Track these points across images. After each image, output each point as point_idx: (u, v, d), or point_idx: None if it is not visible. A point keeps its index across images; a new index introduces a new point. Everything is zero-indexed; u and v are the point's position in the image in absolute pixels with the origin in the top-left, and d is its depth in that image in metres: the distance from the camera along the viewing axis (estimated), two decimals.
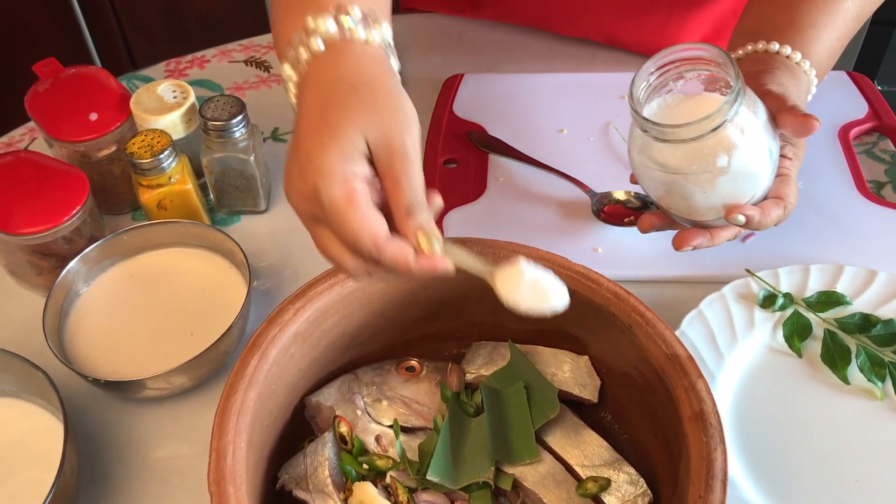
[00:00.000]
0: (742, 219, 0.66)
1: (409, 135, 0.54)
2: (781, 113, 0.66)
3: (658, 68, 0.65)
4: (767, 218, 0.67)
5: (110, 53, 1.72)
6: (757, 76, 0.69)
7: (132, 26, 1.69)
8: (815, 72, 0.72)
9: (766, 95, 0.67)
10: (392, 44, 0.60)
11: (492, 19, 1.07)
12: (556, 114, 0.94)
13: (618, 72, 0.99)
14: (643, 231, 0.73)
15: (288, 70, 0.58)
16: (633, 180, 0.72)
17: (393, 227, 0.53)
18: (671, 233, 0.81)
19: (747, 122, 0.63)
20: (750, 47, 0.72)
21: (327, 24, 0.56)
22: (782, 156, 0.69)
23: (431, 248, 0.53)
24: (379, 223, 0.52)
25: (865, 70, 1.00)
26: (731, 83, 0.62)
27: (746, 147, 0.63)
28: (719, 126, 0.61)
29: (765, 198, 0.68)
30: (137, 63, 1.50)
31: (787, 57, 0.71)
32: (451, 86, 0.98)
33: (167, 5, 1.66)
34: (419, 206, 0.53)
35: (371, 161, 0.54)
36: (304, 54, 0.56)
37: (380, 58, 0.57)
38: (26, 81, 0.85)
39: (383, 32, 0.58)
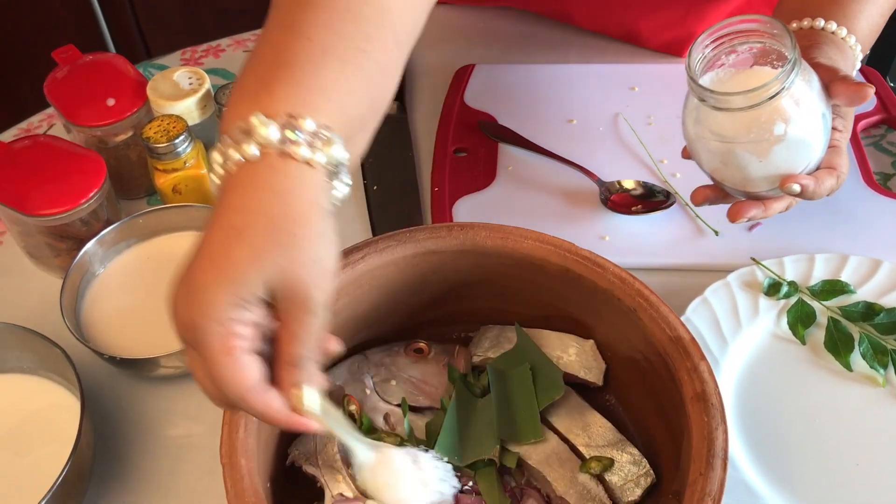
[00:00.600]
0: (797, 188, 0.66)
1: (318, 289, 0.49)
2: (835, 82, 0.66)
3: (714, 40, 0.66)
4: (822, 187, 0.68)
5: (126, 44, 1.74)
6: (805, 51, 0.70)
7: (148, 17, 1.71)
8: (860, 47, 0.72)
9: (816, 68, 0.67)
10: (345, 164, 0.53)
11: (511, 5, 1.08)
12: (565, 104, 0.95)
13: (628, 63, 1.00)
14: (697, 203, 0.73)
15: (216, 160, 0.51)
16: (686, 154, 0.72)
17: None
18: (678, 224, 0.82)
19: (803, 90, 0.64)
20: (795, 24, 0.72)
21: (269, 132, 0.49)
22: (833, 129, 0.69)
23: (301, 407, 0.50)
24: (250, 375, 0.49)
25: (877, 67, 1.01)
26: (787, 53, 0.63)
27: (802, 115, 0.64)
28: (777, 94, 0.63)
29: (817, 168, 0.68)
30: (153, 53, 1.51)
31: (833, 33, 0.71)
32: (462, 76, 0.99)
33: None
34: (305, 362, 0.50)
35: (272, 303, 0.50)
36: (234, 155, 0.49)
37: (316, 186, 0.51)
38: (43, 70, 0.86)
39: (332, 154, 0.51)
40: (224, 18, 1.70)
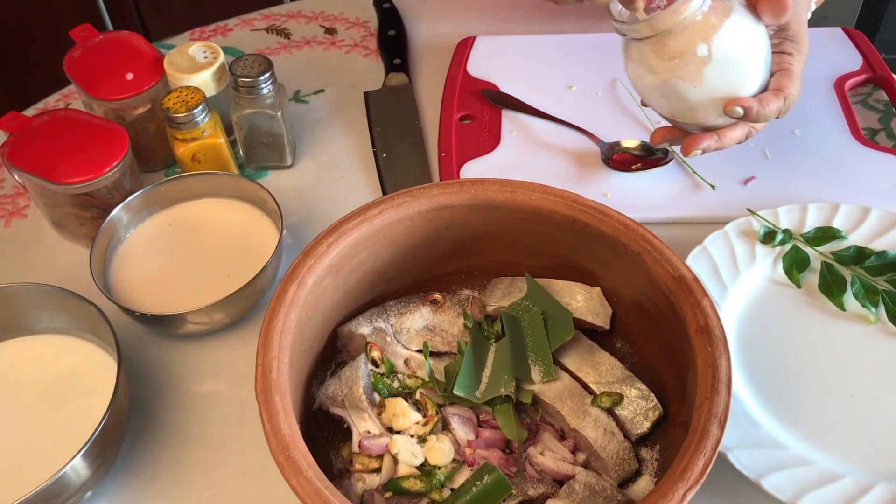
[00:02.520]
0: (740, 111, 0.68)
1: None
2: (758, 2, 0.68)
3: None
4: (767, 108, 0.69)
5: (125, 28, 1.76)
6: None
7: (148, 2, 1.74)
8: None
9: None
10: None
11: None
12: (565, 71, 0.98)
13: None
14: (655, 144, 0.76)
15: None
16: (643, 103, 0.75)
17: None
18: (676, 179, 0.86)
19: (721, 12, 0.66)
20: None
21: None
22: (782, 52, 0.71)
23: None
24: None
25: (864, 30, 1.05)
26: None
27: (725, 35, 0.66)
28: (688, 15, 0.65)
29: (764, 91, 0.70)
30: (152, 37, 1.54)
31: None
32: (464, 48, 1.02)
33: None
34: None
35: None
36: None
37: None
38: (44, 58, 0.89)
39: None
40: (223, 2, 1.73)
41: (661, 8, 0.69)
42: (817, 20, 0.82)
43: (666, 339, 0.66)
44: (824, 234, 0.78)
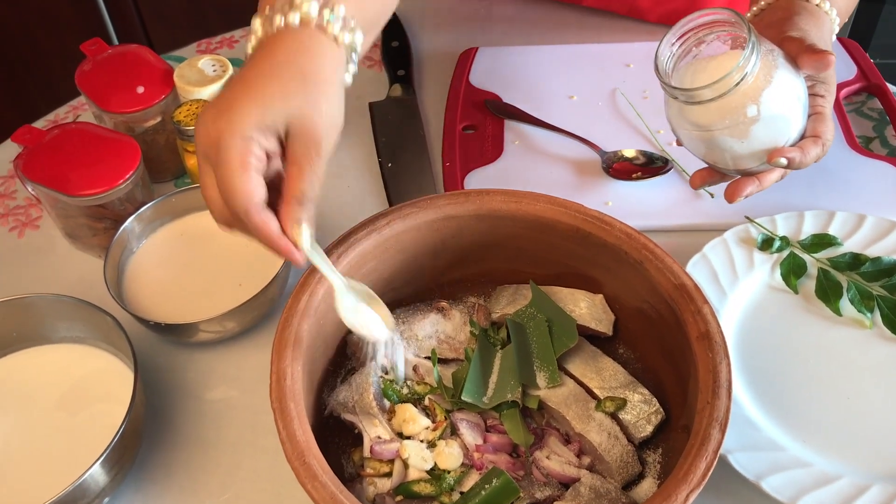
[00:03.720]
0: (784, 161, 0.70)
1: (328, 137, 0.59)
2: (800, 55, 0.70)
3: (679, 38, 0.70)
4: (808, 157, 0.71)
5: (130, 40, 1.78)
6: (779, 24, 0.73)
7: (151, 13, 1.75)
8: (835, 11, 0.75)
9: (786, 42, 0.71)
10: (358, 52, 0.65)
11: None
12: (566, 82, 1.00)
13: (623, 42, 1.05)
14: (696, 187, 0.77)
15: (257, 24, 0.62)
16: (679, 143, 0.77)
17: (275, 202, 0.59)
18: (676, 187, 0.88)
19: (768, 70, 0.68)
20: None
21: (310, 7, 0.60)
22: (814, 94, 0.73)
23: (300, 241, 0.59)
24: (258, 191, 0.57)
25: (858, 40, 1.07)
26: (745, 42, 0.67)
27: (771, 94, 0.68)
28: (740, 81, 0.67)
29: (802, 137, 0.72)
30: (157, 48, 1.55)
31: (808, 1, 0.75)
32: (466, 58, 1.04)
33: None
34: (309, 200, 0.59)
35: (282, 144, 0.59)
36: (278, 20, 0.61)
37: (340, 61, 0.62)
38: (50, 70, 0.91)
39: (355, 39, 0.63)
40: (226, 13, 1.74)
41: (704, 55, 0.71)
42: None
43: (667, 345, 0.68)
44: (821, 241, 0.80)
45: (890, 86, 0.97)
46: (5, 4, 1.67)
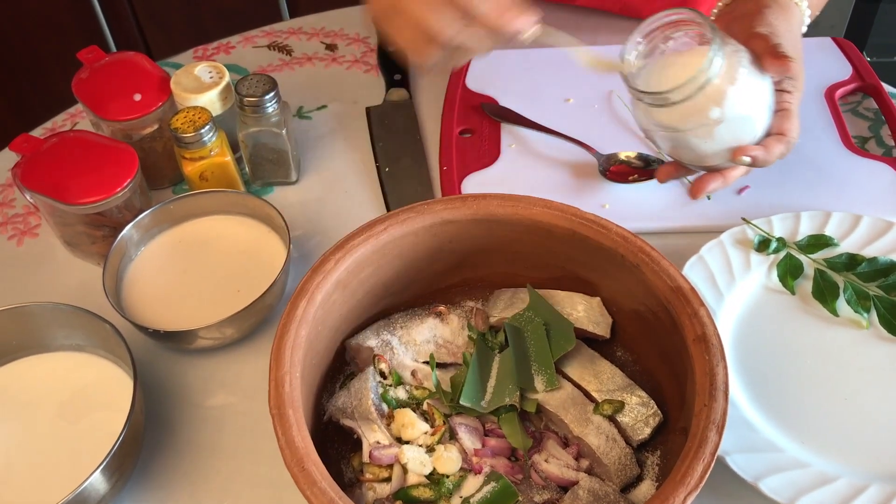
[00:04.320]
0: (748, 159, 0.71)
1: None
2: (764, 57, 0.71)
3: (644, 36, 0.72)
4: (772, 154, 0.72)
5: (127, 46, 1.79)
6: (749, 17, 0.74)
7: (148, 19, 1.76)
8: (806, 2, 0.75)
9: (753, 38, 0.71)
10: None
11: None
12: (562, 84, 1.01)
13: (618, 44, 1.05)
14: (661, 181, 0.79)
15: None
16: (648, 138, 0.78)
17: None
18: (673, 189, 0.88)
19: (731, 72, 0.69)
20: None
21: None
22: (781, 90, 0.73)
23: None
24: None
25: (854, 42, 1.07)
26: (709, 43, 0.68)
27: (736, 95, 0.69)
28: (705, 84, 0.68)
29: (768, 134, 0.73)
30: (154, 54, 1.56)
31: None
32: None
33: None
34: None
35: None
36: None
37: None
38: (48, 75, 0.91)
39: None
40: (223, 18, 1.75)
41: (671, 51, 0.71)
42: (808, 26, 0.84)
43: (665, 348, 0.68)
44: (817, 242, 0.80)
45: (885, 85, 0.97)
46: (3, 11, 1.68)
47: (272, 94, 0.86)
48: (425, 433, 0.66)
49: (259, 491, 0.71)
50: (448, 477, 0.64)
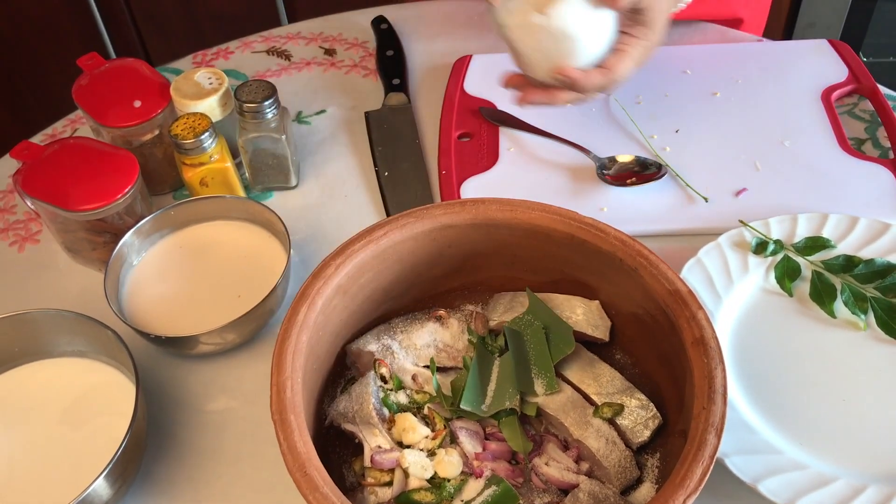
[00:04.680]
0: (564, 79, 0.74)
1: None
2: None
3: None
4: (589, 82, 0.75)
5: (126, 52, 1.79)
6: None
7: (147, 24, 1.76)
8: None
9: None
10: None
11: None
12: None
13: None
14: (504, 85, 0.82)
15: None
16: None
17: None
18: (671, 193, 0.89)
19: None
20: None
21: None
22: (626, 33, 0.76)
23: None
24: None
25: (850, 43, 1.07)
26: None
27: (562, 11, 0.72)
28: None
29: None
30: (153, 60, 1.56)
31: None
32: (460, 66, 1.05)
33: (182, 1, 1.73)
34: None
35: None
36: None
37: None
38: (48, 81, 0.92)
39: None
40: (221, 24, 1.76)
41: None
42: (805, 27, 0.85)
43: (663, 351, 0.69)
44: (814, 244, 0.80)
45: (881, 87, 0.97)
46: (3, 17, 1.68)
47: (271, 99, 0.87)
48: (426, 437, 0.66)
49: (261, 496, 0.71)
50: (449, 481, 0.64)
